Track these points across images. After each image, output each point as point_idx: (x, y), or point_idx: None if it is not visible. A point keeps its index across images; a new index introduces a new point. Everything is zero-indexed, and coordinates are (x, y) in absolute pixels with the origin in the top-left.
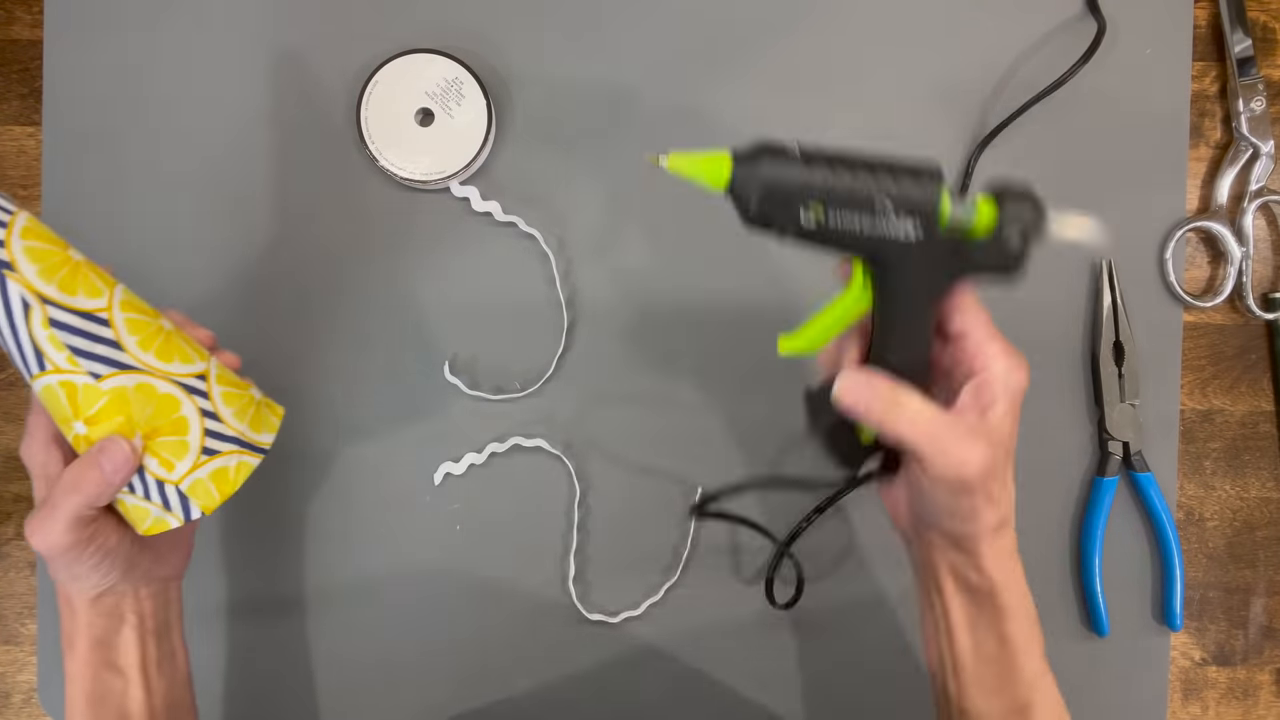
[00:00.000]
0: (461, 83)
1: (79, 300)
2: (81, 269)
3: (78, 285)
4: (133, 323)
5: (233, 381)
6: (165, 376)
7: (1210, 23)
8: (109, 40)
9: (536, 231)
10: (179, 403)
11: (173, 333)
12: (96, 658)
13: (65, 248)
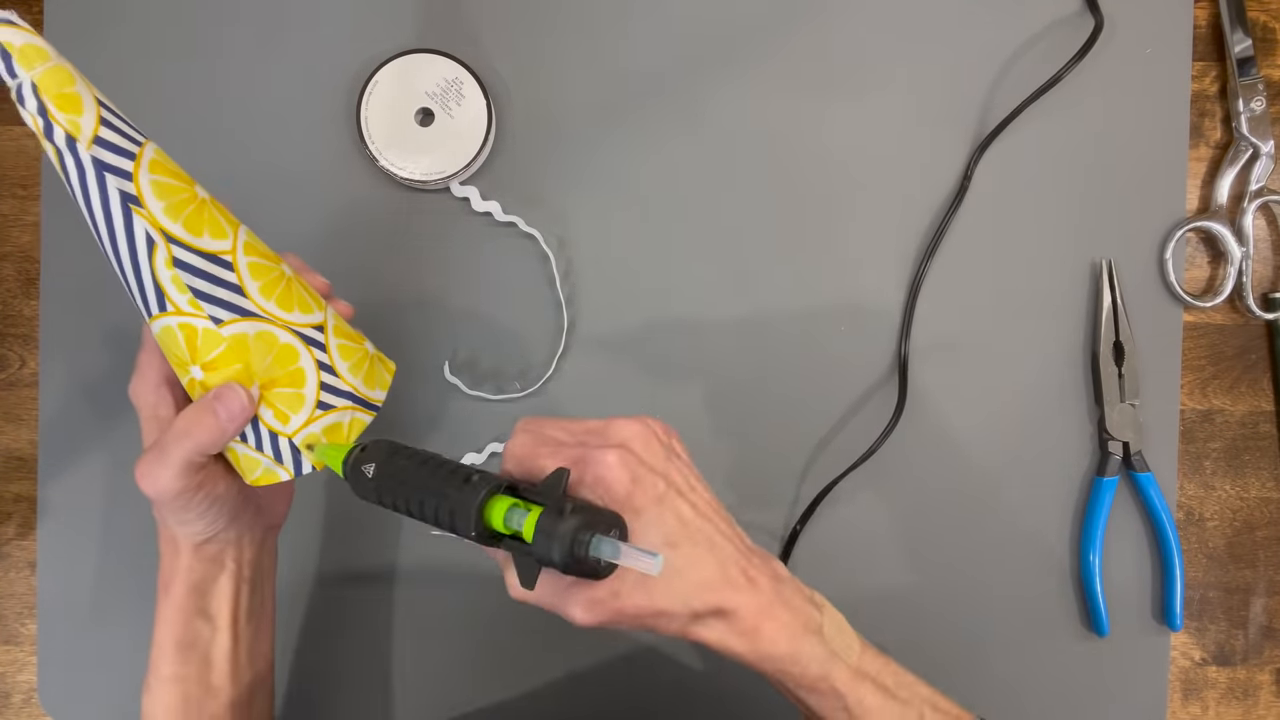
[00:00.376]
0: (461, 83)
1: (204, 241)
2: (207, 207)
3: (204, 224)
4: (256, 267)
5: (348, 334)
6: (285, 325)
7: (1210, 23)
8: (109, 40)
9: (536, 231)
10: (298, 353)
11: (293, 279)
12: (190, 603)
13: (192, 184)
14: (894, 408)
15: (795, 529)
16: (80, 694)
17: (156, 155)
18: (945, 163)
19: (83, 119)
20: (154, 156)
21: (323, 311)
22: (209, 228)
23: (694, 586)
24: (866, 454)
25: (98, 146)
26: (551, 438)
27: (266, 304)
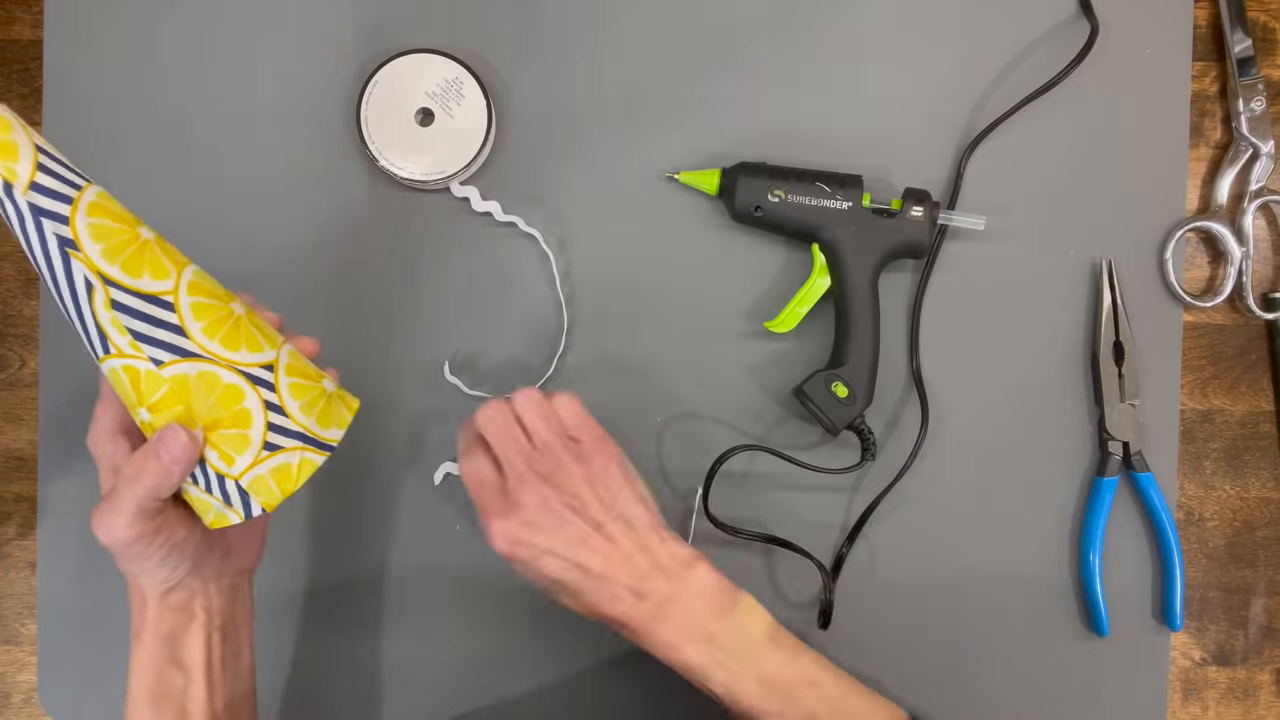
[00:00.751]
0: (461, 83)
1: (143, 282)
2: (150, 248)
3: (143, 266)
4: (199, 307)
5: (304, 372)
6: (230, 365)
7: (1210, 23)
8: (109, 40)
9: (536, 231)
10: (242, 393)
11: (243, 318)
12: (162, 653)
13: (135, 225)
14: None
15: (842, 551)
16: (80, 694)
17: (97, 198)
18: (941, 164)
19: (18, 165)
20: (94, 200)
21: (275, 349)
22: (149, 268)
23: (588, 609)
24: (901, 472)
25: (34, 192)
26: (474, 480)
27: (210, 344)
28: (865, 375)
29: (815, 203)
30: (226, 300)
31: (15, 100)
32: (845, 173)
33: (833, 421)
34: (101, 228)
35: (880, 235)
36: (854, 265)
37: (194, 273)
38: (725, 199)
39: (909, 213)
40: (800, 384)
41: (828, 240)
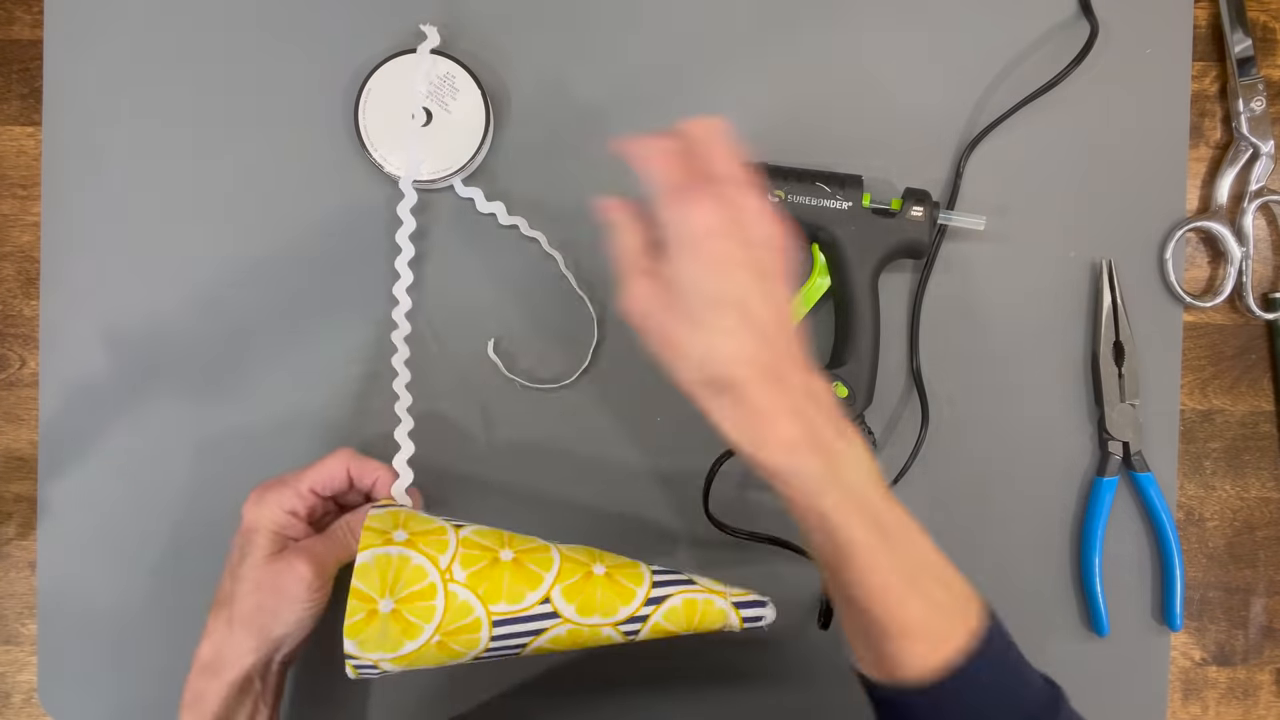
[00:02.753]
0: (454, 77)
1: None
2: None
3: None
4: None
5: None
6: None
7: (1210, 23)
8: (109, 40)
9: (540, 234)
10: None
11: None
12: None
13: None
14: (919, 422)
15: None
16: (80, 694)
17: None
18: (941, 164)
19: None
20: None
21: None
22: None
23: (718, 350)
24: (901, 471)
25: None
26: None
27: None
28: (865, 375)
29: (815, 203)
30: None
31: (15, 100)
32: (845, 173)
33: None
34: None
35: (880, 235)
36: (854, 265)
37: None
38: None
39: (909, 213)
40: None
41: (828, 240)
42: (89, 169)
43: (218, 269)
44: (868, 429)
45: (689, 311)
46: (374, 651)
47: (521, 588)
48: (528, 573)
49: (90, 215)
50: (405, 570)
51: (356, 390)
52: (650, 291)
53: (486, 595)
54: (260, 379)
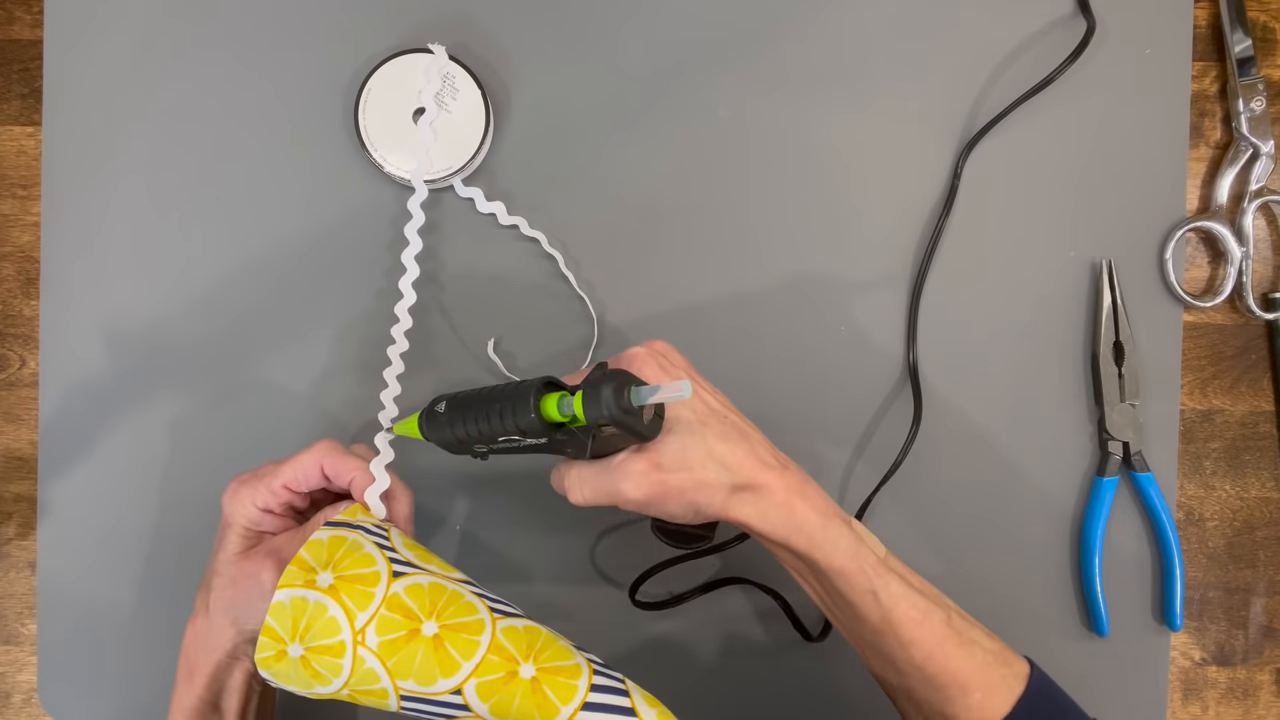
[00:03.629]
0: (454, 76)
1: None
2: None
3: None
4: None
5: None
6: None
7: (1210, 23)
8: (109, 40)
9: (540, 234)
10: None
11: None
12: (207, 697)
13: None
14: (911, 417)
15: None
16: (80, 694)
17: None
18: (939, 163)
19: None
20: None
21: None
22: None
23: (731, 460)
24: (892, 469)
25: None
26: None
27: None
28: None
29: (523, 445)
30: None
31: (15, 100)
32: (521, 389)
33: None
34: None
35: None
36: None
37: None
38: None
39: (591, 422)
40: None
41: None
42: (89, 169)
43: (218, 269)
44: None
45: (684, 445)
46: (287, 684)
47: (433, 670)
48: (445, 656)
49: (90, 215)
50: (319, 620)
51: (356, 390)
52: (643, 466)
53: (395, 670)
54: (259, 378)
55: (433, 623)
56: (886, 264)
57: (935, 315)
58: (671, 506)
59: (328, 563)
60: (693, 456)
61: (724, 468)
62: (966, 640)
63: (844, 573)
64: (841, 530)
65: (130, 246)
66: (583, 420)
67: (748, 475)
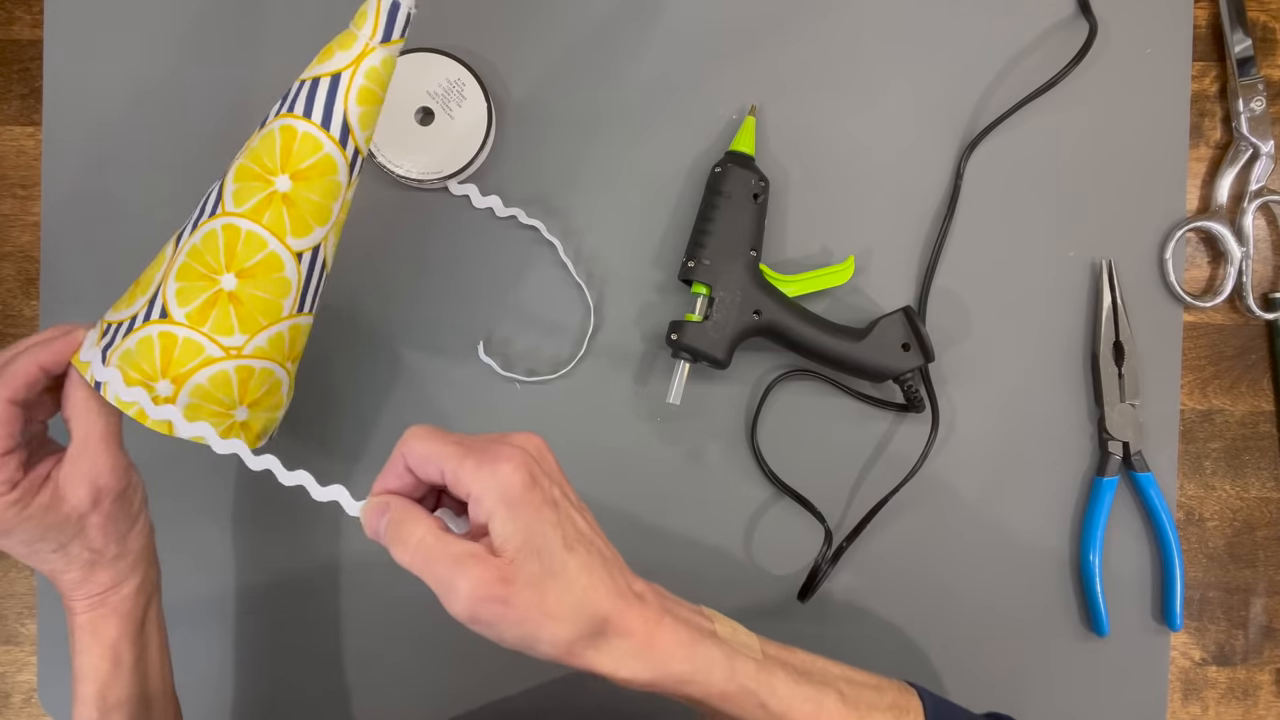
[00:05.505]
0: (464, 84)
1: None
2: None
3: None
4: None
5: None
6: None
7: (1210, 23)
8: (109, 40)
9: (538, 223)
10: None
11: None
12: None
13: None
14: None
15: (842, 545)
16: None
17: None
18: (941, 164)
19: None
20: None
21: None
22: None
23: (590, 596)
24: (911, 473)
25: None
26: (451, 438)
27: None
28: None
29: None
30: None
31: (15, 100)
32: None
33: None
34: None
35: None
36: None
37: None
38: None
39: None
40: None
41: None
42: (89, 169)
43: None
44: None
45: (544, 570)
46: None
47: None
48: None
49: (90, 215)
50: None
51: (367, 384)
52: (490, 574)
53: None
54: None
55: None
56: (889, 265)
57: (936, 315)
58: (504, 630)
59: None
60: (548, 584)
61: (579, 606)
62: (863, 710)
63: (725, 695)
64: (711, 652)
65: (130, 246)
66: None
67: (605, 612)
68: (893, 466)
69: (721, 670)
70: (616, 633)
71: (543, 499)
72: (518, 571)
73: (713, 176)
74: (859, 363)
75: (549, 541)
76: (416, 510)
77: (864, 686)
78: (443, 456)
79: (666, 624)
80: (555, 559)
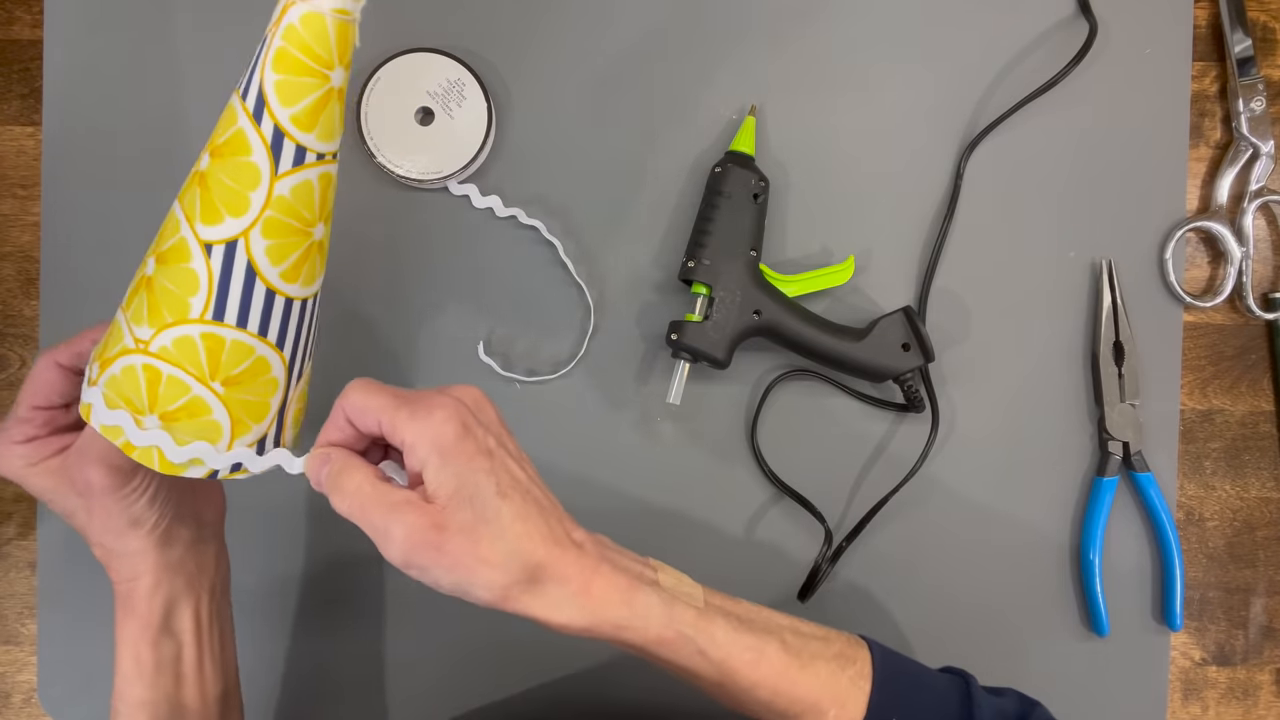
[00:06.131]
0: (464, 84)
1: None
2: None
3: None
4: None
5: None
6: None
7: (1210, 23)
8: (109, 40)
9: (539, 223)
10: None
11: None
12: (155, 622)
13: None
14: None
15: (841, 545)
16: (80, 694)
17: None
18: (941, 164)
19: None
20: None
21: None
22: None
23: (524, 544)
24: (911, 472)
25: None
26: (388, 390)
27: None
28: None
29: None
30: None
31: (15, 100)
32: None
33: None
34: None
35: None
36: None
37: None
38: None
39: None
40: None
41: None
42: (89, 169)
43: None
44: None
45: (476, 517)
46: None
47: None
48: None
49: (90, 215)
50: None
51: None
52: (424, 521)
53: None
54: None
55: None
56: (889, 265)
57: (936, 315)
58: (439, 576)
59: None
60: (480, 529)
61: (513, 553)
62: (806, 659)
63: (662, 641)
64: (649, 598)
65: (130, 246)
66: None
67: (540, 559)
68: (893, 466)
69: (659, 617)
70: (551, 579)
71: (476, 448)
72: (450, 518)
73: (713, 176)
74: (859, 363)
75: (481, 489)
76: (355, 460)
77: (810, 637)
78: (379, 408)
79: (604, 571)
80: (488, 506)
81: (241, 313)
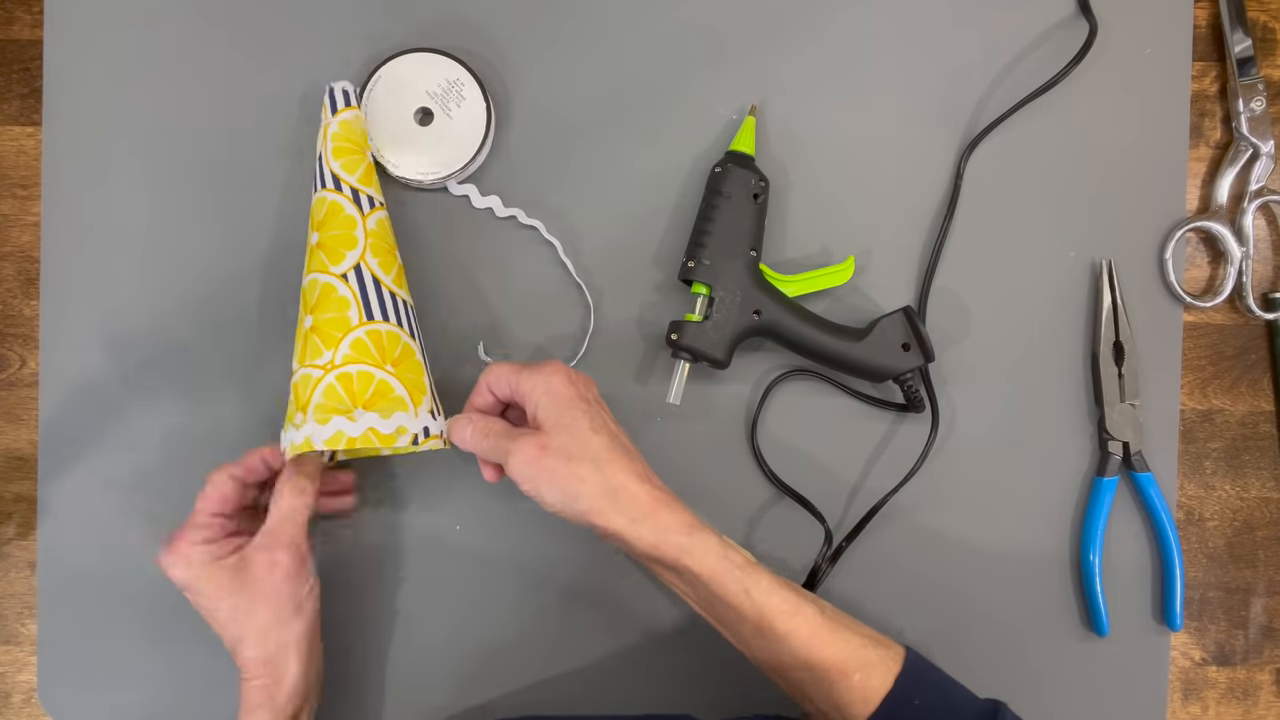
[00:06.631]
0: (463, 84)
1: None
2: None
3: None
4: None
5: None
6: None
7: (1210, 23)
8: (109, 40)
9: (538, 222)
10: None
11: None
12: None
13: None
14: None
15: (841, 545)
16: (80, 694)
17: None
18: (941, 164)
19: None
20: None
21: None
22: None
23: (608, 464)
24: (911, 472)
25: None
26: (517, 364)
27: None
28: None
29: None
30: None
31: (15, 100)
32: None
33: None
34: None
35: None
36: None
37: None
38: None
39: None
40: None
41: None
42: (89, 169)
43: (218, 269)
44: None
45: (572, 441)
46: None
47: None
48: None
49: (90, 215)
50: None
51: None
52: (533, 443)
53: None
54: (259, 378)
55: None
56: (889, 265)
57: (936, 315)
58: (545, 491)
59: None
60: (575, 451)
61: (598, 467)
62: (840, 627)
63: (715, 575)
64: (707, 536)
65: (130, 246)
66: None
67: (621, 481)
68: (893, 466)
69: (715, 551)
70: (630, 501)
71: (577, 395)
72: (552, 440)
73: (713, 176)
74: (859, 363)
75: (578, 422)
76: (491, 416)
77: (847, 617)
78: (509, 373)
79: (673, 505)
80: (582, 435)
81: (383, 310)
